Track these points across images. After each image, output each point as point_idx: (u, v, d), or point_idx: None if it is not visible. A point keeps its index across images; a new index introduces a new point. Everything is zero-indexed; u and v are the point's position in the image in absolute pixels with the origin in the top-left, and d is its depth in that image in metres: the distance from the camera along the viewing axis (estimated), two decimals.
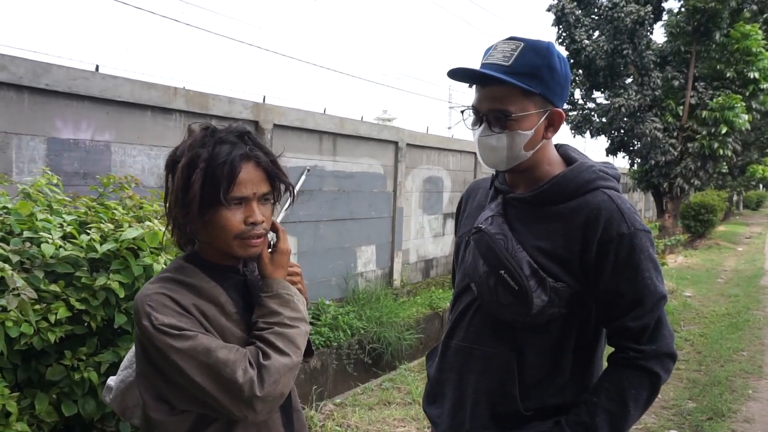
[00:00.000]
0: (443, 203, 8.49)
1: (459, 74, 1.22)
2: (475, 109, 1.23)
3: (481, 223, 1.27)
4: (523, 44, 1.17)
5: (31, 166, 3.65)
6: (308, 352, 1.39)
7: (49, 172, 1.85)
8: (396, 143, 7.24)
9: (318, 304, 5.80)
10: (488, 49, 1.22)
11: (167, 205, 1.13)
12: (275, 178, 1.13)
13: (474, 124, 1.24)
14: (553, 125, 1.23)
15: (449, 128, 33.96)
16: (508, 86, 1.16)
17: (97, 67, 4.12)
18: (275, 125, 5.37)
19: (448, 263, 8.70)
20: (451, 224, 8.71)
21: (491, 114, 1.19)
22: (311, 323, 5.65)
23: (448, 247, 8.70)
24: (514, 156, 1.21)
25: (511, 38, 1.20)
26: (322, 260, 6.12)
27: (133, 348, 1.27)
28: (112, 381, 1.28)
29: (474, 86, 1.24)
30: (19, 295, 1.20)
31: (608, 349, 1.30)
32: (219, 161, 1.04)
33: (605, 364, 1.29)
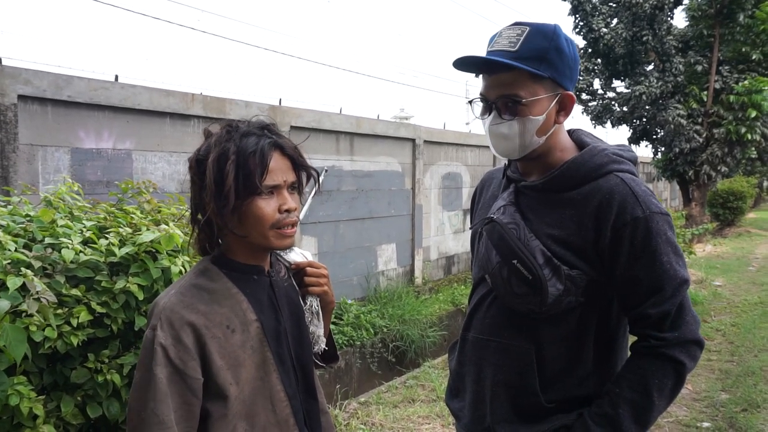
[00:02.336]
0: (462, 199, 8.44)
1: (464, 63, 1.20)
2: (484, 97, 1.20)
3: (493, 213, 1.25)
4: (528, 28, 1.15)
5: (57, 176, 3.74)
6: (333, 357, 1.38)
7: (70, 180, 1.90)
8: (413, 140, 7.22)
9: (340, 303, 5.82)
10: (493, 37, 1.20)
11: (194, 205, 1.13)
12: (300, 166, 1.14)
13: (483, 113, 1.22)
14: (564, 109, 1.20)
15: (467, 124, 33.74)
16: (516, 72, 1.13)
17: (117, 77, 4.20)
18: (292, 127, 5.41)
19: (469, 259, 8.65)
20: None
21: (501, 101, 1.17)
22: (333, 323, 5.70)
23: (468, 243, 8.64)
24: (527, 143, 1.19)
25: (516, 23, 1.18)
26: (342, 260, 6.14)
27: None
28: None
29: (481, 75, 1.22)
30: (39, 299, 1.23)
31: (632, 338, 1.26)
32: (249, 151, 1.05)
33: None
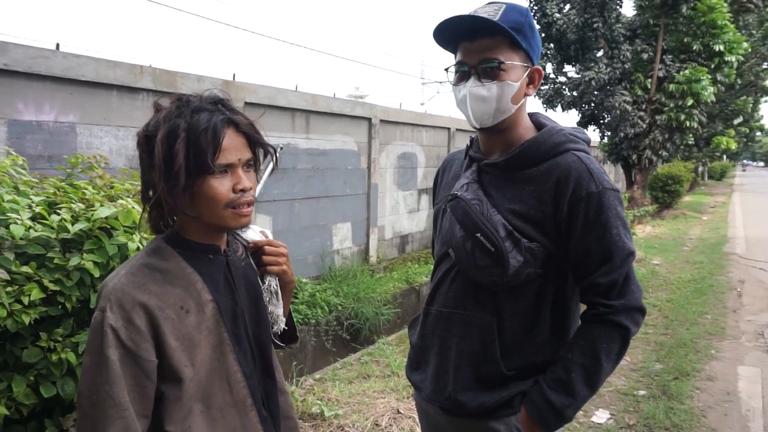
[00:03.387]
0: (417, 179, 8.52)
1: (446, 29, 1.24)
2: (463, 63, 1.25)
3: (456, 190, 1.30)
4: (505, 5, 1.23)
5: None
6: (293, 337, 1.38)
7: (14, 153, 1.80)
8: (369, 120, 7.20)
9: (295, 282, 5.80)
10: (469, 14, 1.25)
11: (144, 184, 1.09)
12: (256, 143, 1.11)
13: (460, 80, 1.27)
14: (532, 82, 1.28)
15: (422, 104, 33.89)
16: (497, 38, 1.21)
17: (58, 45, 3.97)
18: (246, 103, 5.29)
19: (423, 238, 8.78)
20: (425, 200, 8.76)
21: (481, 65, 1.23)
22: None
23: (423, 222, 8.77)
24: (502, 108, 1.25)
25: (492, 2, 1.25)
26: (297, 239, 6.11)
27: None
28: None
29: (458, 47, 1.27)
30: None
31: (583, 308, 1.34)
32: (201, 128, 1.01)
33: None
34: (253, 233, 1.28)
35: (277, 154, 1.21)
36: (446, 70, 1.32)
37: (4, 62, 3.53)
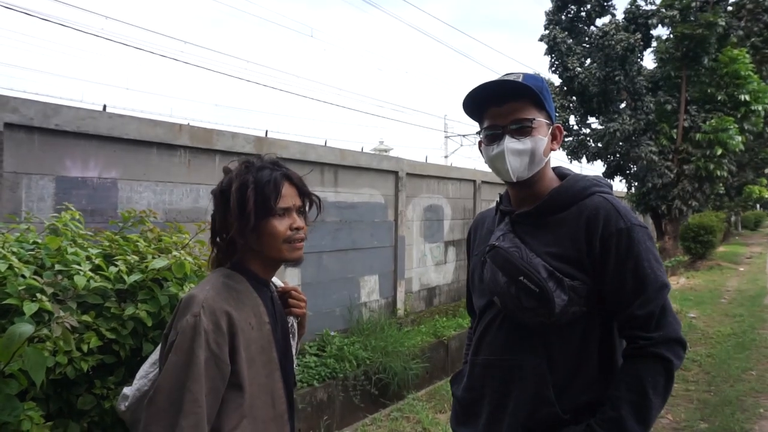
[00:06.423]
0: (444, 231, 8.54)
1: (475, 97, 1.34)
2: (494, 126, 1.35)
3: (493, 241, 1.36)
4: (522, 74, 1.35)
5: (41, 204, 3.71)
6: (294, 381, 1.48)
7: (73, 208, 1.91)
8: (396, 173, 7.34)
9: (323, 335, 5.78)
10: (491, 81, 1.35)
11: (214, 231, 1.34)
12: (305, 194, 1.37)
13: (491, 142, 1.36)
14: (555, 138, 1.39)
15: (446, 157, 34.34)
16: (523, 100, 1.32)
17: (105, 107, 4.23)
18: (278, 158, 5.46)
19: (450, 291, 8.70)
20: (452, 252, 8.74)
21: (514, 124, 1.32)
22: (316, 355, 5.64)
23: (450, 275, 8.71)
24: (536, 161, 1.34)
25: (510, 73, 1.37)
26: (325, 291, 6.13)
27: (150, 358, 1.40)
28: (128, 390, 1.35)
29: (485, 114, 1.36)
30: (62, 323, 1.24)
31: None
32: (265, 180, 1.28)
33: None
34: (278, 281, 1.47)
35: (321, 204, 1.46)
36: (477, 133, 1.43)
37: (55, 123, 3.77)
